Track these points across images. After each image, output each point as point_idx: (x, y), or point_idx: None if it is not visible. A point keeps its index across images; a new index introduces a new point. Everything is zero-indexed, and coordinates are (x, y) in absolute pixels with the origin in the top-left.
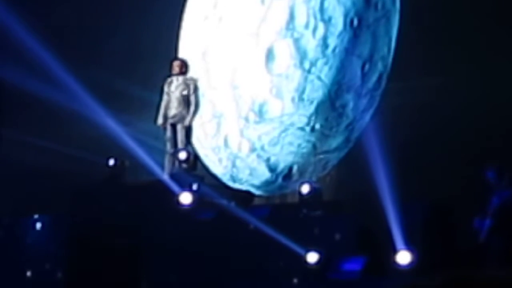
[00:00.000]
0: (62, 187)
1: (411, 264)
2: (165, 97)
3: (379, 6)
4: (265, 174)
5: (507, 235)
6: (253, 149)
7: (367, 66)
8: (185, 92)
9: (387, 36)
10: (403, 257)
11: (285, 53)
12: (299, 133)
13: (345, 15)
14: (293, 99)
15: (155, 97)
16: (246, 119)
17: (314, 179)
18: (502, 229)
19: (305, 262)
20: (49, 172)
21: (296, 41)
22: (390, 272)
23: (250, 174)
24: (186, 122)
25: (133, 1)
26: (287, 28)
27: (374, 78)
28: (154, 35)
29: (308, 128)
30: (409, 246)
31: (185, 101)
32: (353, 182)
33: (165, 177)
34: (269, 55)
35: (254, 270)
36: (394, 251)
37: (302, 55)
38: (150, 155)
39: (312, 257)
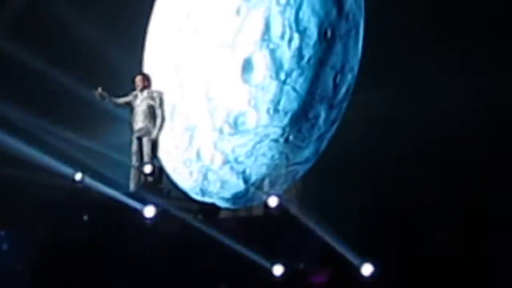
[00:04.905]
0: (25, 201)
1: (375, 275)
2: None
3: (350, 17)
4: (237, 187)
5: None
6: (226, 162)
7: (338, 77)
8: (150, 105)
9: (356, 47)
10: (368, 269)
11: (261, 64)
12: (273, 144)
13: (320, 26)
14: (268, 111)
15: (122, 111)
16: (221, 131)
17: (282, 191)
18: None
19: (271, 274)
20: (12, 186)
21: (272, 52)
22: (356, 285)
23: (221, 187)
24: (153, 136)
25: (100, 14)
26: (263, 39)
27: (343, 89)
28: (120, 47)
29: (282, 140)
30: (373, 258)
31: (151, 114)
32: (319, 194)
33: (131, 190)
34: (246, 66)
35: (219, 283)
36: (359, 263)
37: (278, 66)
38: (115, 168)
39: (278, 270)
